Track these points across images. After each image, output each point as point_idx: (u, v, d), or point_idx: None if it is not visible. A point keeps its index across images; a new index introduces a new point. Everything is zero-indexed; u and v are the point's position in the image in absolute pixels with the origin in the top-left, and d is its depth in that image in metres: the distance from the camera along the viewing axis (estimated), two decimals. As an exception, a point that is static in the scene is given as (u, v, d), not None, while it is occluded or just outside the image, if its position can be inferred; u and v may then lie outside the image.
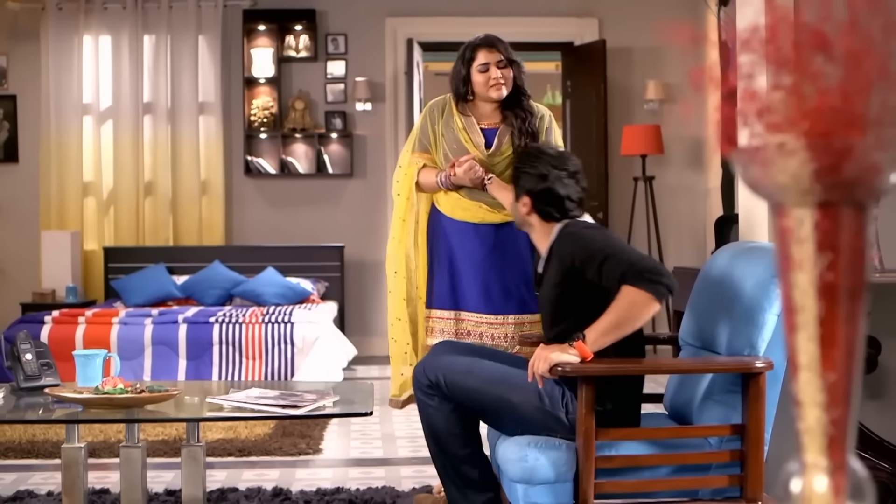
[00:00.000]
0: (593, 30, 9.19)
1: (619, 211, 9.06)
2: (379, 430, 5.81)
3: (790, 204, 1.09)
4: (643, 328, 3.38)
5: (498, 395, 3.40)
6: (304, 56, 9.06)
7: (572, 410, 3.29)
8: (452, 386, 3.46)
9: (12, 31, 9.05)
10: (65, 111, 8.90)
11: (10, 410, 3.55)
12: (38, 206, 8.94)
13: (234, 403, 3.37)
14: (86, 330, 7.05)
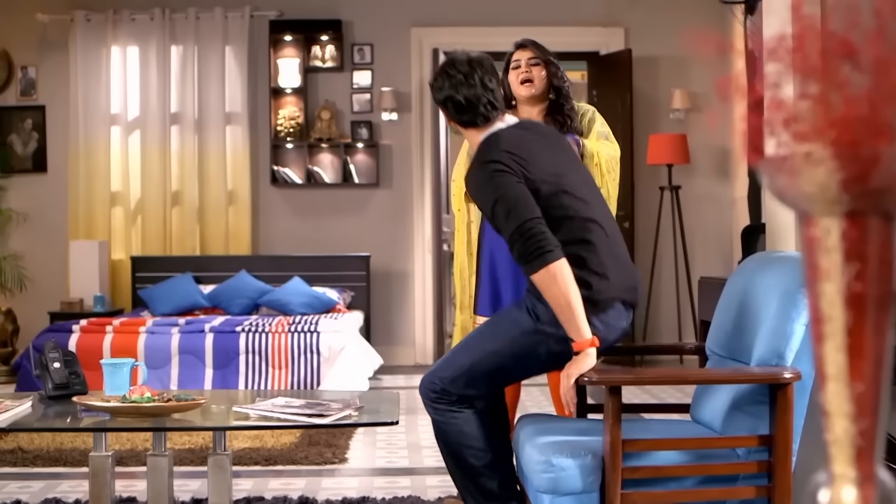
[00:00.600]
0: (619, 39, 9.18)
1: (645, 220, 9.04)
2: (405, 440, 5.81)
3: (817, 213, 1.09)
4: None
5: (490, 351, 3.45)
6: (330, 66, 9.09)
7: (543, 314, 3.38)
8: (452, 380, 3.51)
9: (42, 42, 9.13)
10: (93, 121, 8.96)
11: (38, 419, 3.57)
12: (66, 216, 9.00)
13: (261, 412, 3.37)
14: (113, 339, 7.09)
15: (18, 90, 9.14)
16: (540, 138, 3.63)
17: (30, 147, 9.15)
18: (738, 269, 3.63)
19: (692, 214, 9.06)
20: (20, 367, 7.11)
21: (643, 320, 8.90)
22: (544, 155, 3.53)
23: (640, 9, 9.18)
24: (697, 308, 8.05)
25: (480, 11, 9.17)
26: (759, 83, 1.23)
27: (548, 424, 3.55)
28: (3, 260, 8.90)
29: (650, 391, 7.35)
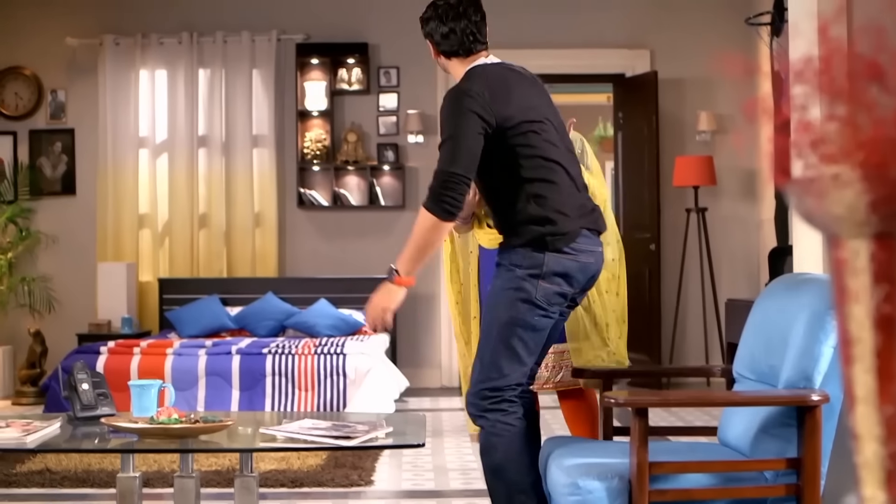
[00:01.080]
0: (645, 61, 9.18)
1: (671, 242, 9.02)
2: (431, 462, 5.80)
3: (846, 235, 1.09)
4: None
5: (502, 324, 3.55)
6: (356, 89, 9.13)
7: (518, 260, 3.56)
8: (486, 376, 3.58)
9: (71, 66, 9.21)
10: (121, 144, 9.02)
11: (66, 440, 3.59)
12: (94, 238, 9.06)
13: (288, 434, 3.38)
14: (141, 360, 7.12)
15: (48, 113, 9.22)
16: (523, 80, 3.76)
17: (59, 170, 9.22)
18: (766, 292, 3.62)
19: (719, 236, 9.03)
20: (48, 388, 7.14)
21: (670, 342, 8.87)
22: (522, 93, 3.67)
23: (665, 31, 9.18)
24: (724, 330, 8.01)
25: (506, 34, 9.16)
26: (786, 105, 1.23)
27: (574, 446, 3.55)
28: (31, 282, 8.96)
29: (676, 413, 7.32)
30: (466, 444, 6.36)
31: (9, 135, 9.20)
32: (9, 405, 8.25)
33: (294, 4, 9.19)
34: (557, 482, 3.29)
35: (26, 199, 9.09)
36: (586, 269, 3.62)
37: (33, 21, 9.20)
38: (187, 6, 9.20)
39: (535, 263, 3.54)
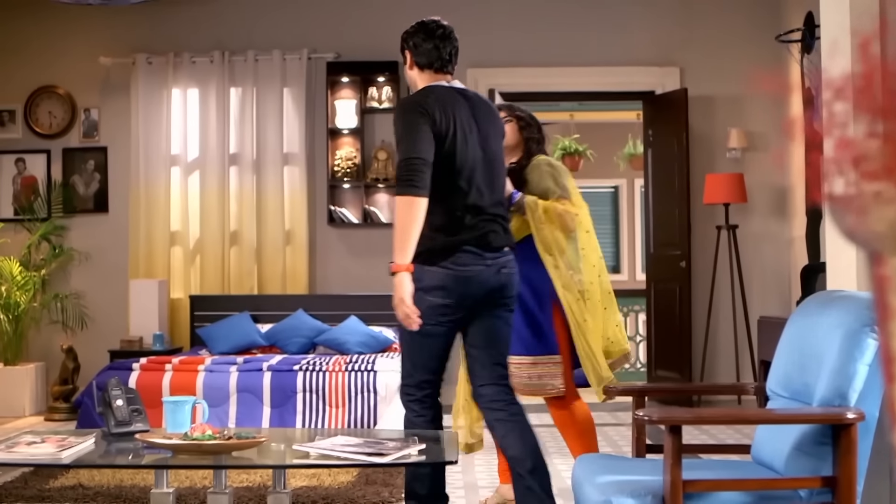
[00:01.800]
0: (675, 79, 9.18)
1: (702, 260, 8.99)
2: (461, 480, 5.80)
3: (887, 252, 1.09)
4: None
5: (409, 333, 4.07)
6: (386, 107, 9.17)
7: (419, 275, 3.99)
8: (407, 374, 4.20)
9: (104, 85, 9.29)
10: (153, 162, 9.09)
11: (101, 455, 3.62)
12: (126, 255, 9.13)
13: (321, 451, 3.39)
14: (172, 377, 7.15)
15: (81, 132, 9.31)
16: (471, 107, 4.14)
17: (91, 187, 9.30)
18: (800, 309, 3.60)
19: (749, 254, 9.00)
20: (81, 404, 7.18)
21: (700, 360, 8.83)
22: (462, 120, 4.05)
23: (695, 48, 9.18)
24: (757, 348, 7.97)
25: (537, 53, 9.22)
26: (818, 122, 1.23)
27: (606, 464, 3.54)
28: (64, 298, 9.03)
29: (708, 431, 7.29)
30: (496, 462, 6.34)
31: (43, 153, 9.29)
32: (41, 421, 8.31)
33: (325, 23, 9.24)
34: (590, 499, 3.29)
35: (59, 216, 9.18)
36: (468, 281, 4.01)
37: (67, 41, 9.30)
38: (219, 25, 9.27)
39: (419, 277, 3.98)
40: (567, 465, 6.24)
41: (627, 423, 7.89)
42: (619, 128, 13.59)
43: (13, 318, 8.69)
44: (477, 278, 4.02)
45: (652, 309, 9.32)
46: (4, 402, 8.53)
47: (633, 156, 13.06)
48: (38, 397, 8.76)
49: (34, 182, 9.26)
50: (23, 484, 5.63)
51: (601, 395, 4.76)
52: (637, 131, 12.44)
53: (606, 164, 13.97)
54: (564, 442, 4.94)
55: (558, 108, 12.70)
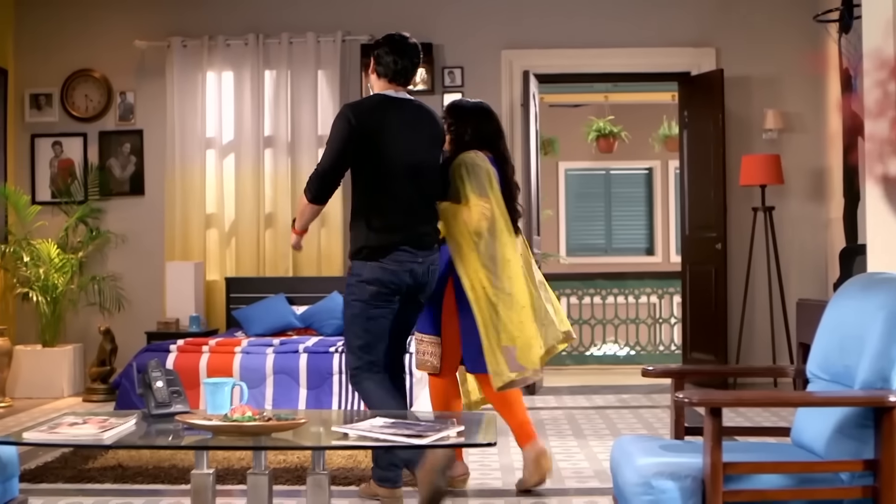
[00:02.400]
0: (710, 59, 9.12)
1: (738, 242, 8.94)
2: (498, 462, 5.80)
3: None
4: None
5: (348, 320, 4.76)
6: (420, 89, 9.16)
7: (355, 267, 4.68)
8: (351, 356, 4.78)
9: (139, 68, 9.33)
10: (189, 145, 9.13)
11: (141, 436, 3.65)
12: (162, 238, 9.18)
13: (360, 432, 3.40)
14: (209, 359, 7.19)
15: (117, 115, 9.35)
16: (407, 115, 4.72)
17: (128, 170, 9.35)
18: (841, 291, 3.58)
19: (786, 235, 8.94)
20: (119, 385, 7.24)
21: (736, 343, 8.79)
22: (392, 128, 4.62)
23: (731, 29, 9.11)
24: (795, 330, 7.91)
25: (571, 34, 9.18)
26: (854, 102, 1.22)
27: (644, 445, 3.53)
28: (101, 281, 9.09)
29: (744, 414, 7.26)
30: (533, 444, 6.35)
31: (79, 136, 9.35)
32: (80, 402, 8.38)
33: (358, 5, 9.24)
34: (629, 481, 3.29)
35: (96, 199, 9.24)
36: (401, 276, 4.62)
37: (102, 24, 9.34)
38: (253, 8, 9.29)
39: (360, 272, 4.64)
40: (602, 446, 6.24)
41: (662, 406, 7.88)
42: (653, 109, 13.52)
43: (51, 300, 8.76)
44: (411, 274, 4.66)
45: (687, 291, 9.28)
46: (43, 384, 8.61)
47: (668, 137, 12.99)
48: (75, 378, 8.84)
49: (71, 165, 9.33)
50: (63, 464, 5.69)
51: (496, 385, 5.03)
52: (672, 112, 12.37)
53: (640, 145, 13.92)
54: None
55: (593, 89, 12.65)
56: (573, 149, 14.21)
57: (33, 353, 8.70)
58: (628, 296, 11.17)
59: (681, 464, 3.22)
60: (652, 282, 11.27)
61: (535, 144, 9.06)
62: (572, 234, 15.09)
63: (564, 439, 6.54)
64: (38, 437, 3.48)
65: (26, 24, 9.37)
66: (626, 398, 8.37)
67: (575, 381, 9.61)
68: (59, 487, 5.27)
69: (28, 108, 9.37)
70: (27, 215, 8.87)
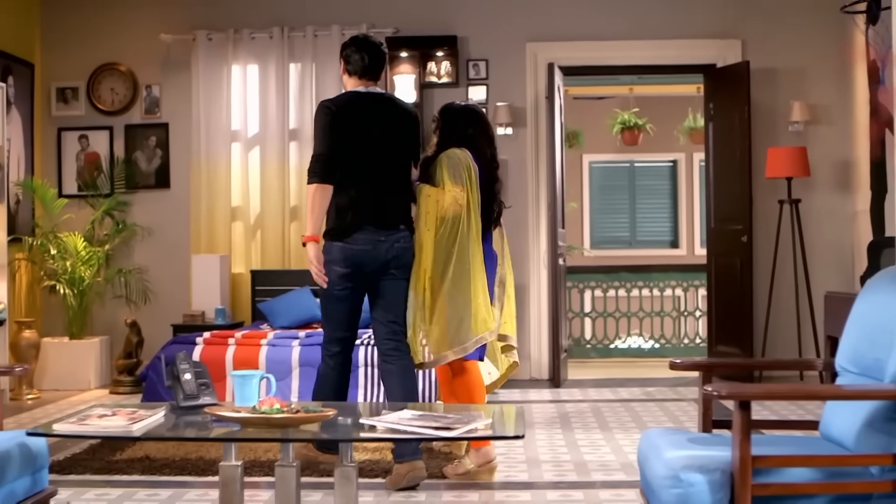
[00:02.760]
0: (736, 51, 9.07)
1: (764, 234, 8.90)
2: (524, 455, 5.80)
3: None
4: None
5: (322, 302, 5.24)
6: (445, 81, 9.16)
7: (328, 251, 5.06)
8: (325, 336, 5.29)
9: (165, 61, 9.37)
10: (214, 138, 9.15)
11: (169, 428, 3.66)
12: (188, 230, 9.21)
13: (387, 425, 3.41)
14: (236, 351, 7.22)
15: (143, 108, 9.39)
16: (378, 108, 5.17)
17: (154, 163, 9.39)
18: (870, 284, 3.56)
19: (812, 228, 8.89)
20: (146, 377, 7.27)
21: (762, 335, 8.76)
22: (363, 119, 5.08)
23: (757, 20, 9.07)
24: (823, 323, 7.87)
25: (596, 26, 9.15)
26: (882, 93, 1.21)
27: (672, 438, 3.53)
28: (128, 273, 9.14)
29: (770, 407, 7.23)
30: (559, 437, 6.36)
31: (105, 129, 9.39)
32: (106, 394, 8.43)
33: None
34: (658, 474, 3.28)
35: (122, 192, 9.28)
36: (364, 254, 5.03)
37: (128, 18, 9.38)
38: (278, 1, 9.30)
39: (328, 251, 5.04)
40: (629, 439, 6.24)
41: (688, 399, 7.86)
42: (678, 101, 13.47)
43: (78, 292, 8.81)
44: (372, 252, 5.04)
45: (713, 284, 9.26)
46: (70, 376, 8.66)
47: (694, 129, 12.94)
48: (102, 371, 8.88)
49: (97, 158, 9.37)
50: (91, 455, 5.73)
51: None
52: (697, 105, 12.33)
53: (665, 138, 13.87)
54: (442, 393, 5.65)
55: (617, 81, 12.61)
56: (597, 141, 14.17)
57: (60, 346, 8.75)
58: (653, 289, 11.15)
59: (709, 457, 3.21)
60: (677, 275, 11.24)
61: (559, 137, 9.04)
62: (596, 226, 15.06)
63: (590, 432, 6.53)
64: (68, 429, 3.50)
65: (52, 19, 9.42)
66: (651, 391, 8.35)
67: (600, 373, 9.60)
68: (87, 479, 5.31)
69: (55, 102, 9.42)
70: (54, 208, 8.91)
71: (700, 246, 14.41)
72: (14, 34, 9.00)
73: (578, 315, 11.10)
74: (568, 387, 8.67)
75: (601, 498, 4.83)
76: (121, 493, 5.01)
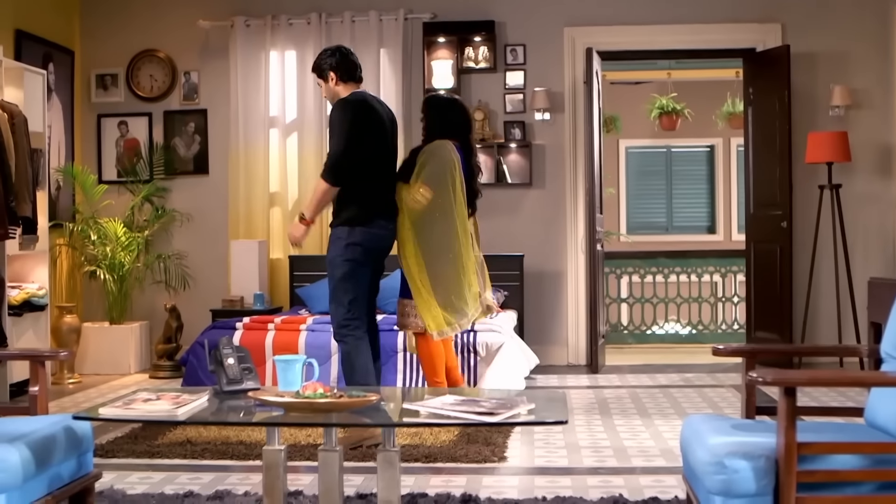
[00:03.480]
0: (776, 35, 9.00)
1: (803, 220, 8.84)
2: (563, 440, 5.80)
3: None
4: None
5: (335, 279, 5.66)
6: (483, 67, 9.15)
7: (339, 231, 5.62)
8: (339, 315, 5.68)
9: (203, 48, 9.41)
10: (252, 124, 9.18)
11: (213, 413, 3.69)
12: (227, 216, 9.25)
13: (431, 410, 3.42)
14: (275, 336, 7.25)
15: (181, 95, 9.44)
16: (379, 109, 5.76)
17: (192, 149, 9.44)
18: (917, 270, 3.53)
19: (853, 214, 8.81)
20: (186, 362, 7.32)
21: (802, 322, 8.70)
22: (375, 119, 5.65)
23: (797, 4, 8.99)
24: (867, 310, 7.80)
25: (634, 10, 9.10)
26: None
27: (715, 424, 3.51)
28: (167, 259, 9.19)
29: (809, 393, 7.19)
30: (598, 422, 6.35)
31: (144, 116, 9.45)
32: (146, 378, 8.49)
33: (421, -17, 9.24)
34: (702, 460, 3.27)
35: (161, 178, 9.34)
36: (379, 239, 5.66)
37: (167, 5, 9.43)
38: (316, -13, 9.31)
39: (346, 235, 5.55)
40: (668, 425, 6.22)
41: (726, 385, 7.83)
42: (716, 86, 13.37)
43: (118, 277, 8.87)
44: (388, 238, 5.76)
45: (752, 270, 9.20)
46: (110, 360, 8.73)
47: (732, 114, 12.85)
48: (142, 355, 8.95)
49: (136, 145, 9.43)
50: (133, 440, 5.78)
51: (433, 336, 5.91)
52: (736, 89, 12.25)
53: (702, 123, 13.78)
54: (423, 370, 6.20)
55: (655, 66, 12.55)
56: (633, 126, 14.10)
57: (101, 331, 8.83)
58: (690, 274, 11.10)
59: (754, 443, 3.19)
60: (715, 260, 11.18)
61: (597, 122, 9.01)
62: (633, 212, 15.00)
63: (629, 418, 6.52)
64: (114, 413, 3.53)
65: (92, 6, 9.47)
66: (689, 377, 8.32)
67: (637, 359, 9.57)
68: (129, 462, 5.36)
69: (94, 89, 9.48)
70: (94, 194, 8.98)
71: (737, 231, 14.32)
72: (54, 22, 9.06)
73: (615, 301, 11.07)
74: (606, 372, 8.66)
75: (641, 484, 4.82)
76: (163, 476, 5.05)
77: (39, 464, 3.59)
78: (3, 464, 3.41)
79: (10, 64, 7.67)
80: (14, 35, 8.37)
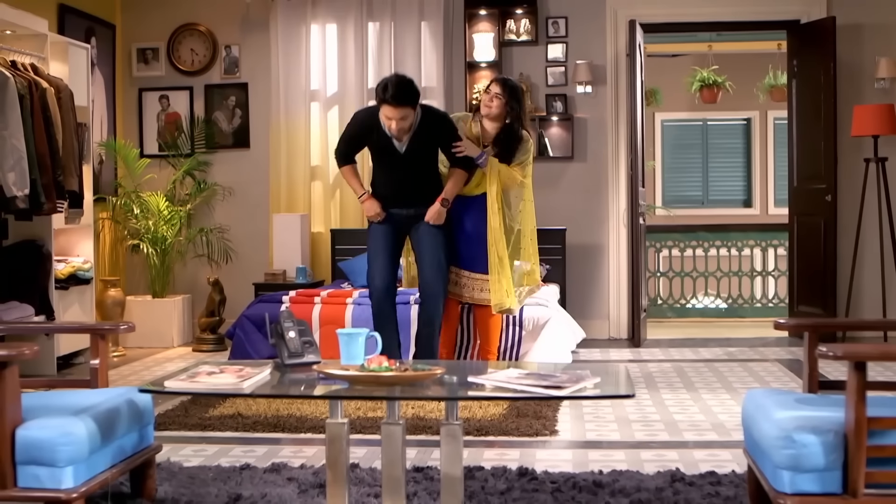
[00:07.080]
0: (821, 7, 8.92)
1: (848, 193, 8.77)
2: (612, 414, 5.80)
3: None
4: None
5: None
6: (524, 39, 9.11)
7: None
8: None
9: (244, 22, 9.40)
10: (293, 98, 9.18)
11: (275, 386, 3.71)
12: (268, 190, 9.27)
13: (496, 383, 3.42)
14: (322, 310, 7.27)
15: (222, 69, 9.45)
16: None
17: (233, 123, 9.45)
18: None
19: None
20: (233, 335, 7.35)
21: (846, 296, 8.65)
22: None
23: (843, -25, 8.90)
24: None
25: (677, -19, 9.03)
26: None
27: (779, 399, 3.51)
28: (209, 232, 9.23)
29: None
30: (645, 396, 6.34)
31: (185, 90, 9.47)
32: (189, 352, 8.54)
33: (462, -44, 9.18)
34: (768, 434, 3.26)
35: (202, 152, 9.36)
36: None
37: (207, -22, 9.43)
38: (356, -40, 9.28)
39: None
40: (716, 399, 6.21)
41: (771, 359, 7.80)
42: (757, 58, 13.26)
43: (160, 251, 8.92)
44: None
45: (795, 243, 9.15)
46: (154, 334, 8.78)
47: (774, 87, 12.74)
48: (185, 329, 9.01)
49: (178, 118, 9.45)
50: (184, 413, 5.81)
51: (496, 309, 6.40)
52: (777, 62, 12.15)
53: (742, 95, 13.67)
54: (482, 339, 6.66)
55: (696, 38, 12.45)
56: (670, 99, 14.01)
57: (144, 304, 8.88)
58: (730, 248, 11.04)
59: (822, 418, 3.19)
60: (755, 234, 11.12)
61: (640, 95, 8.95)
62: (668, 185, 14.94)
63: (676, 392, 6.51)
64: (179, 386, 3.55)
65: (133, -21, 9.49)
66: (732, 351, 8.30)
67: (677, 333, 9.54)
68: (182, 435, 5.39)
69: (135, 63, 9.50)
70: (136, 168, 9.01)
71: (774, 205, 14.23)
72: (96, -5, 9.08)
73: (653, 274, 11.03)
74: (648, 346, 8.65)
75: (696, 458, 4.81)
76: (217, 449, 5.08)
77: (104, 436, 3.63)
78: (70, 437, 3.44)
79: (55, 38, 7.70)
80: (57, 9, 8.40)
